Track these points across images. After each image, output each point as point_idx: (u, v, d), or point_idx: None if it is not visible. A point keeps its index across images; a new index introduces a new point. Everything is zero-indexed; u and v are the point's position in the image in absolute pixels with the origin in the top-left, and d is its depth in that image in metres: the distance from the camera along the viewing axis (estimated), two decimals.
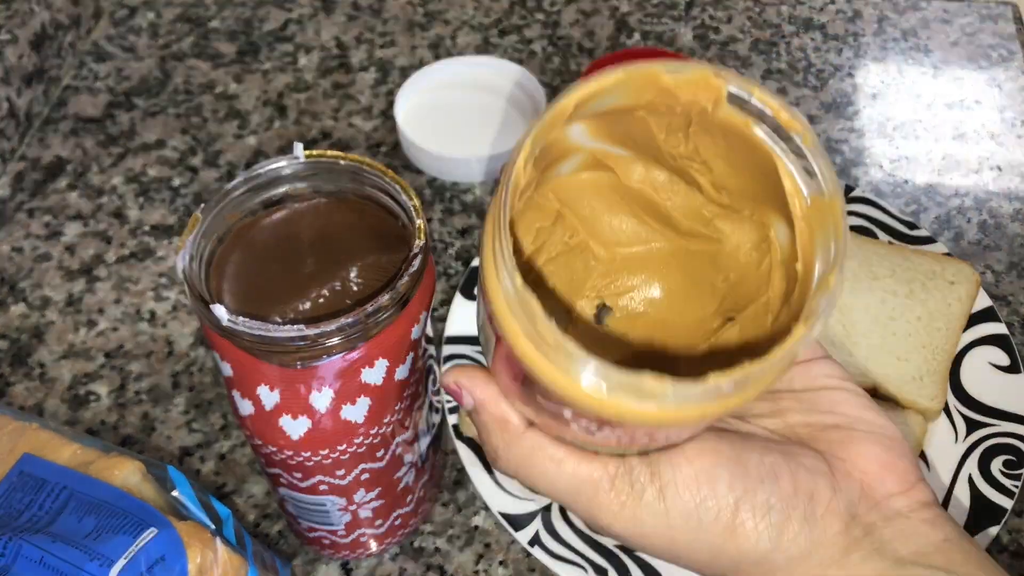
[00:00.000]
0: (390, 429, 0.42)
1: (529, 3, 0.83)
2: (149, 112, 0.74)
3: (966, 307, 0.57)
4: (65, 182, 0.70)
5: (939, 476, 0.52)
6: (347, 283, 0.39)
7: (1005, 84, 0.76)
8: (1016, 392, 0.54)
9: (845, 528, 0.30)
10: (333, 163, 0.41)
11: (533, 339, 0.26)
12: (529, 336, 0.26)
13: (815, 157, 0.27)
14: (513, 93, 0.73)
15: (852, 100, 0.75)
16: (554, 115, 0.29)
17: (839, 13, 0.82)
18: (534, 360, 0.27)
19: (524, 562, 0.51)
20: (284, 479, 0.43)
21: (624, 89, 0.29)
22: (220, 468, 0.55)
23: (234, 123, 0.73)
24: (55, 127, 0.73)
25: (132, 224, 0.67)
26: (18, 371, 0.59)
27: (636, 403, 0.26)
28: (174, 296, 0.63)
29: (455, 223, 0.67)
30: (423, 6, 0.83)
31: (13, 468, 0.41)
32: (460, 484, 0.54)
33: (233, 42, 0.80)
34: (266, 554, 0.46)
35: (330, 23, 0.81)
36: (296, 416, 0.39)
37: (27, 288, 0.63)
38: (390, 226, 0.41)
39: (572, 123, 0.30)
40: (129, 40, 0.80)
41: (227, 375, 0.40)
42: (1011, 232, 0.66)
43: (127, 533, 0.37)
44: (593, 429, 0.29)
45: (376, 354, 0.38)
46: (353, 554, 0.50)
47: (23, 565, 0.36)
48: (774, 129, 0.28)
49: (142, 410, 0.57)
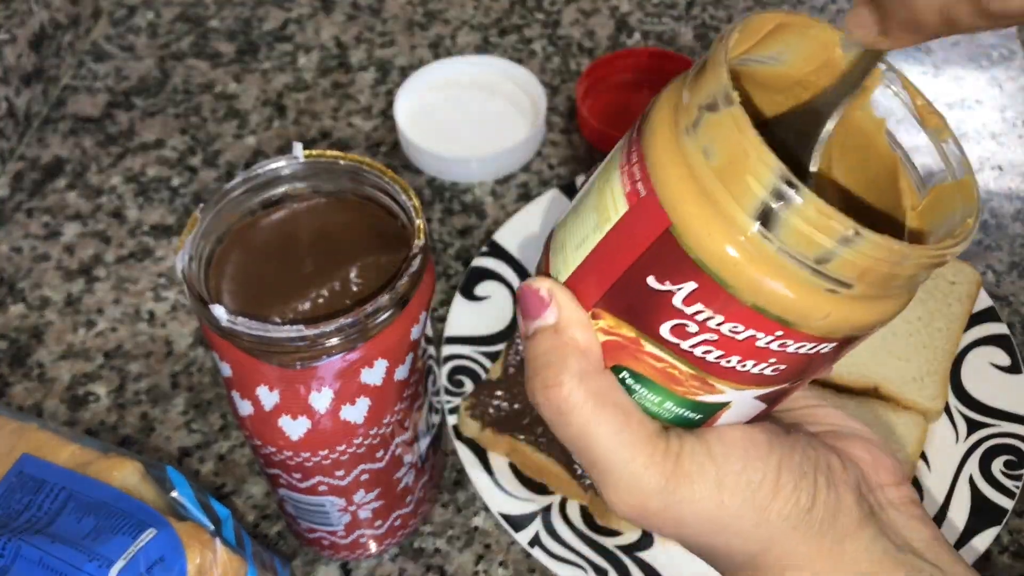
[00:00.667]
0: (390, 429, 0.42)
1: (529, 3, 0.83)
2: (148, 112, 0.74)
3: (967, 307, 0.57)
4: (64, 182, 0.70)
5: (940, 476, 0.52)
6: (346, 283, 0.39)
7: (1006, 84, 0.75)
8: (1017, 392, 0.54)
9: (857, 501, 0.31)
10: (332, 163, 0.41)
11: (703, 182, 0.25)
12: (697, 181, 0.25)
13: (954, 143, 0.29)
14: (513, 93, 0.73)
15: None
16: (757, 21, 0.28)
17: (839, 13, 0.82)
18: (689, 207, 0.25)
19: (524, 563, 0.51)
20: (283, 480, 0.43)
21: (802, 41, 0.29)
22: (219, 469, 0.55)
23: (233, 123, 0.73)
24: (54, 127, 0.73)
25: (131, 224, 0.67)
26: (17, 371, 0.59)
27: (792, 279, 0.25)
28: (173, 296, 0.63)
29: (455, 223, 0.67)
30: (423, 6, 0.83)
31: (12, 469, 0.41)
32: (460, 485, 0.54)
33: (232, 42, 0.80)
34: (265, 555, 0.46)
35: (329, 23, 0.81)
36: (295, 416, 0.39)
37: (26, 288, 0.63)
38: (390, 226, 0.41)
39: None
40: (128, 40, 0.80)
41: (226, 375, 0.40)
42: (1012, 232, 0.66)
43: (126, 534, 0.37)
44: (694, 329, 0.26)
45: (375, 354, 0.38)
46: (353, 555, 0.50)
47: (22, 566, 0.36)
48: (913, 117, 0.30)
49: (141, 410, 0.57)
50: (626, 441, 0.29)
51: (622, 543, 0.50)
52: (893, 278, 0.25)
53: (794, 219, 0.24)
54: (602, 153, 0.70)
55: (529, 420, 0.52)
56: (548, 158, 0.70)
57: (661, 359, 0.28)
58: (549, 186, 0.68)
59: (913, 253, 0.25)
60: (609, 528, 0.50)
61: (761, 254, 0.25)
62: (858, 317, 0.26)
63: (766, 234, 0.24)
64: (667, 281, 0.26)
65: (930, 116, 0.29)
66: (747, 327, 0.26)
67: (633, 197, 0.27)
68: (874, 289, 0.26)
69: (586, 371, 0.29)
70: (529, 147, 0.69)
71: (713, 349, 0.27)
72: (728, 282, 0.25)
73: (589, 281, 0.29)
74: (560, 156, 0.71)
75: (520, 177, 0.69)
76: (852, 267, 0.24)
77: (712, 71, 0.25)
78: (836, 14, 0.82)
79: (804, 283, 0.25)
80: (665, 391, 0.29)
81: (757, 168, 0.24)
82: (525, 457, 0.51)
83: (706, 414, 0.30)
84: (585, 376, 0.29)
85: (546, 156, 0.71)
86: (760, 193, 0.24)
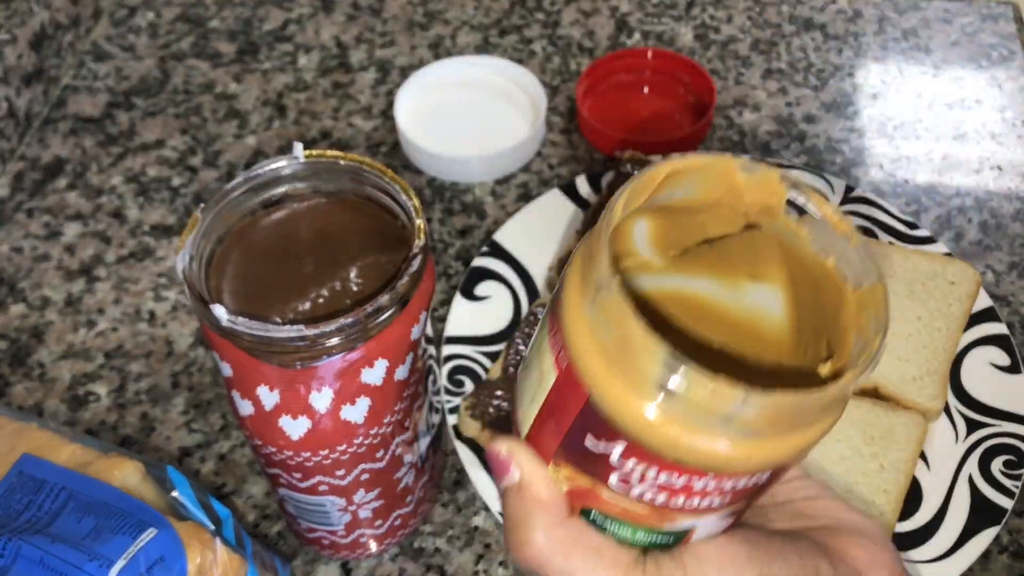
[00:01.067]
0: (390, 429, 0.42)
1: (529, 3, 0.83)
2: (148, 112, 0.74)
3: (966, 307, 0.57)
4: (64, 182, 0.70)
5: (939, 476, 0.52)
6: (347, 283, 0.39)
7: (1005, 84, 0.75)
8: (1016, 392, 0.54)
9: None
10: (333, 163, 0.41)
11: (608, 354, 0.26)
12: (604, 352, 0.27)
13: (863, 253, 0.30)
14: (513, 93, 0.73)
15: (852, 100, 0.75)
16: (647, 177, 0.30)
17: (839, 13, 0.82)
18: (601, 379, 0.27)
19: None
20: (284, 479, 0.43)
21: (701, 177, 0.31)
22: (220, 468, 0.55)
23: (234, 123, 0.73)
24: (54, 127, 0.73)
25: (132, 224, 0.67)
26: (17, 371, 0.59)
27: (705, 435, 0.26)
28: (174, 296, 0.63)
29: (455, 223, 0.67)
30: (423, 6, 0.83)
31: (12, 468, 0.41)
32: (460, 484, 0.54)
33: (233, 42, 0.80)
34: (266, 554, 0.46)
35: (330, 23, 0.81)
36: (296, 416, 0.39)
37: (26, 288, 0.63)
38: (390, 226, 0.41)
39: (638, 217, 0.31)
40: (128, 40, 0.80)
41: (227, 375, 0.40)
42: (1012, 232, 0.66)
43: (126, 533, 0.37)
44: (635, 479, 0.28)
45: (376, 354, 0.38)
46: (353, 554, 0.50)
47: (22, 565, 0.36)
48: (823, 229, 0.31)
49: (141, 410, 0.57)
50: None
51: None
52: (804, 415, 0.27)
53: (688, 394, 0.25)
54: (602, 154, 0.70)
55: None
56: (548, 158, 0.71)
57: (618, 503, 0.30)
58: (549, 186, 0.69)
59: (810, 399, 0.26)
60: None
61: (672, 417, 0.26)
62: (784, 450, 0.27)
63: (671, 403, 0.26)
64: (601, 441, 0.28)
65: (839, 223, 0.30)
66: (680, 474, 0.27)
67: (559, 365, 0.28)
68: (790, 425, 0.27)
69: (551, 524, 0.31)
70: (529, 147, 0.69)
71: (659, 494, 0.28)
72: (649, 443, 0.27)
73: (545, 434, 0.31)
74: (560, 156, 0.71)
75: (520, 177, 0.69)
76: (758, 420, 0.26)
77: (597, 253, 0.27)
78: (836, 14, 0.82)
79: (720, 435, 0.26)
80: (631, 526, 0.30)
81: (643, 353, 0.25)
82: None
83: (676, 538, 0.31)
84: (550, 528, 0.31)
85: (546, 156, 0.71)
86: (651, 374, 0.25)
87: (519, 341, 0.56)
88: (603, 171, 0.65)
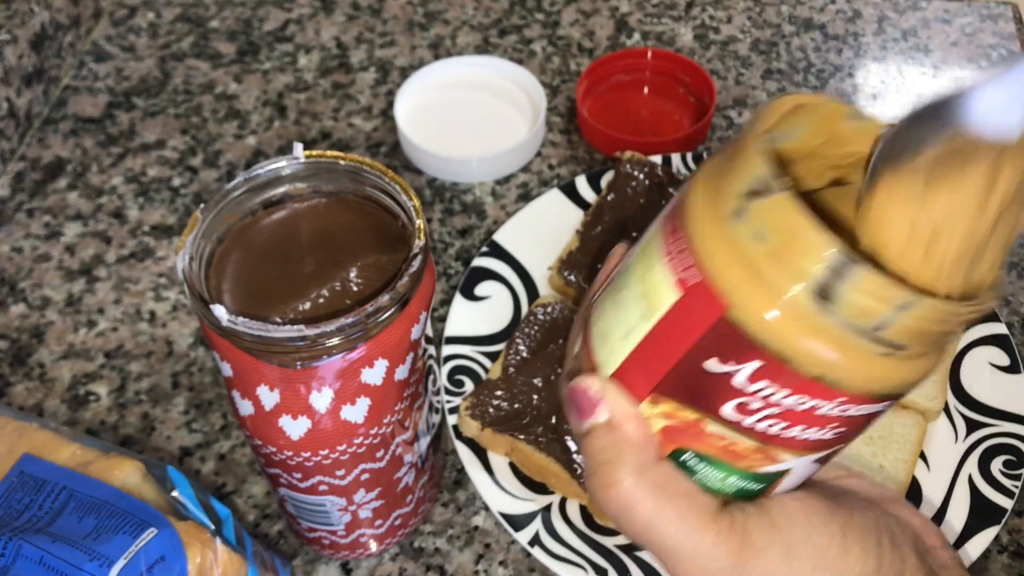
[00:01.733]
0: (390, 429, 0.42)
1: (529, 3, 0.83)
2: (149, 112, 0.74)
3: None
4: (65, 182, 0.70)
5: (939, 476, 0.52)
6: (347, 283, 0.39)
7: None
8: (1016, 392, 0.54)
9: (919, 561, 0.31)
10: (333, 163, 0.41)
11: (754, 265, 0.26)
12: (749, 263, 0.26)
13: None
14: (513, 93, 0.73)
15: (852, 100, 0.75)
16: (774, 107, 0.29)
17: (839, 13, 0.82)
18: (745, 291, 0.26)
19: (524, 562, 0.51)
20: (284, 479, 0.43)
21: (810, 119, 0.30)
22: (220, 468, 0.55)
23: (234, 123, 0.73)
24: (55, 127, 0.73)
25: (132, 224, 0.67)
26: (18, 371, 0.59)
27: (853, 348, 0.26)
28: (174, 296, 0.63)
29: (455, 223, 0.67)
30: (423, 6, 0.83)
31: (13, 468, 0.41)
32: (460, 484, 0.54)
33: (233, 42, 0.80)
34: (266, 554, 0.46)
35: (330, 23, 0.81)
36: (296, 416, 0.39)
37: (27, 288, 0.63)
38: (390, 226, 0.41)
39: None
40: (129, 40, 0.80)
41: (227, 375, 0.40)
42: None
43: (127, 533, 0.37)
44: (757, 404, 0.28)
45: (376, 354, 0.38)
46: (353, 554, 0.50)
47: (23, 565, 0.36)
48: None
49: (142, 410, 0.57)
50: (692, 526, 0.30)
51: (622, 542, 0.50)
52: (942, 334, 0.27)
53: (852, 294, 0.25)
54: (602, 154, 0.70)
55: (529, 420, 0.52)
56: (548, 158, 0.71)
57: (723, 437, 0.29)
58: (549, 186, 0.69)
59: (963, 311, 0.26)
60: (609, 528, 0.50)
61: (822, 328, 0.26)
62: (910, 375, 0.28)
63: (825, 309, 0.25)
64: (730, 362, 0.27)
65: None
66: (811, 397, 0.27)
67: (683, 285, 0.28)
68: (924, 347, 0.27)
69: (643, 464, 0.30)
70: (529, 147, 0.69)
71: (776, 422, 0.28)
72: (791, 358, 0.26)
73: (643, 370, 0.30)
74: (560, 156, 0.71)
75: (520, 177, 0.69)
76: (907, 331, 0.26)
77: (750, 159, 0.27)
78: (835, 14, 0.82)
79: (863, 351, 0.26)
80: (728, 467, 0.30)
81: (813, 249, 0.25)
82: (525, 457, 0.52)
83: (767, 483, 0.31)
84: (643, 470, 0.30)
85: (546, 156, 0.71)
86: (818, 273, 0.25)
87: (519, 341, 0.56)
88: (603, 171, 0.65)
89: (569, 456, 0.51)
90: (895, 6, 0.83)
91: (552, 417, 0.52)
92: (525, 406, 0.53)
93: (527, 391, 0.53)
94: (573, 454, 0.51)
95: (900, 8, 0.82)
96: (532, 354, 0.55)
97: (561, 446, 0.51)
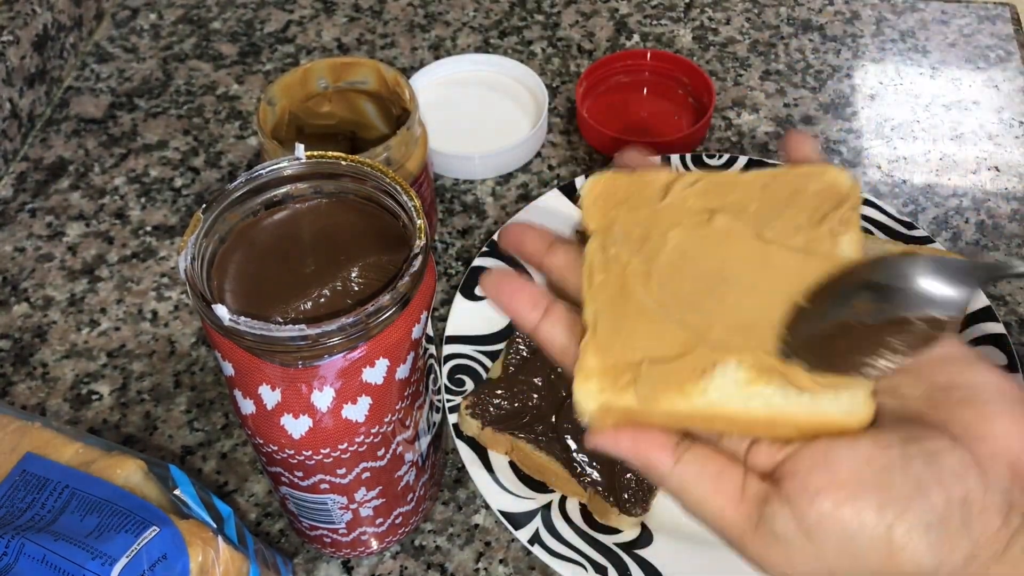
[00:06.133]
0: (391, 428, 0.42)
1: (529, 4, 0.83)
2: (151, 113, 0.75)
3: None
4: (67, 182, 0.70)
5: None
6: (348, 283, 0.39)
7: (1003, 85, 0.76)
8: None
9: (1004, 521, 0.28)
10: (334, 164, 0.41)
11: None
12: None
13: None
14: (516, 90, 0.73)
15: (850, 101, 0.75)
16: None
17: (837, 14, 0.82)
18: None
19: (524, 560, 0.51)
20: (285, 478, 0.43)
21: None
22: (222, 467, 0.55)
23: (236, 124, 0.74)
24: (57, 128, 0.74)
25: (134, 224, 0.67)
26: (20, 371, 0.59)
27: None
28: (176, 296, 0.63)
29: (455, 223, 0.67)
30: (423, 7, 0.83)
31: (15, 467, 0.41)
32: (460, 483, 0.54)
33: (235, 43, 0.80)
34: (267, 552, 0.47)
35: (331, 24, 0.81)
36: (297, 415, 0.39)
37: (29, 288, 0.64)
38: (391, 226, 0.41)
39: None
40: (131, 41, 0.81)
41: (228, 374, 0.40)
42: (1008, 232, 0.66)
43: (129, 532, 0.38)
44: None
45: (377, 353, 0.39)
46: (354, 552, 0.50)
47: (25, 564, 0.37)
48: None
49: (144, 409, 0.57)
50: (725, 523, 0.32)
51: (621, 541, 0.50)
52: None
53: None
54: (601, 154, 0.71)
55: (529, 419, 0.52)
56: (548, 159, 0.71)
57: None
58: (549, 186, 0.69)
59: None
60: (608, 526, 0.51)
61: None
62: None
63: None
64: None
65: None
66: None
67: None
68: None
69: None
70: (532, 144, 0.70)
71: None
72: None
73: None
74: (560, 157, 0.71)
75: (520, 177, 0.70)
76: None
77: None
78: (834, 15, 0.82)
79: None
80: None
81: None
82: (525, 455, 0.52)
83: None
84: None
85: (546, 157, 0.71)
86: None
87: (519, 340, 0.56)
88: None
89: (569, 455, 0.51)
90: (893, 7, 0.83)
91: (552, 416, 0.52)
92: (525, 405, 0.53)
93: (527, 390, 0.53)
94: (573, 453, 0.51)
95: (898, 9, 0.83)
96: (532, 353, 0.55)
97: (561, 445, 0.51)
